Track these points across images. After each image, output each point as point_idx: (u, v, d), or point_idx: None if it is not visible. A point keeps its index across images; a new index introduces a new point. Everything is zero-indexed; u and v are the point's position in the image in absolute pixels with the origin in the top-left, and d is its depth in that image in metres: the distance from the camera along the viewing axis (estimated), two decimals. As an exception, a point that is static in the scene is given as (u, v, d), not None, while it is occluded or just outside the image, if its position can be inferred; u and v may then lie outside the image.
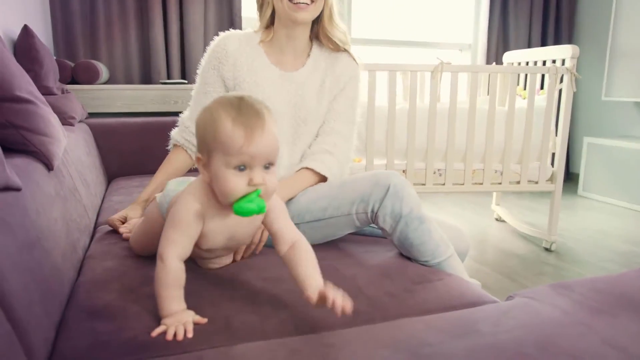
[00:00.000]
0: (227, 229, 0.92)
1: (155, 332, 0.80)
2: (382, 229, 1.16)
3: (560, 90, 2.48)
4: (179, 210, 0.86)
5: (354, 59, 1.40)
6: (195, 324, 0.83)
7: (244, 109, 0.81)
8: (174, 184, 1.11)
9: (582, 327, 0.78)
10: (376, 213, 1.14)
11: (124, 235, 1.28)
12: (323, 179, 1.31)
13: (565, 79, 2.42)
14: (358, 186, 1.18)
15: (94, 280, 1.01)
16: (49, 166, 1.18)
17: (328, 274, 1.04)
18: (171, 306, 0.83)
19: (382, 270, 1.11)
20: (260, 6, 1.34)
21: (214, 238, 0.91)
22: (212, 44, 1.36)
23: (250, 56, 1.33)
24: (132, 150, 2.30)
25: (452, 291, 1.01)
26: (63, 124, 1.75)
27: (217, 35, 1.38)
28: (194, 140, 1.36)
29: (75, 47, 2.91)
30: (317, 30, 1.36)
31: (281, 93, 1.33)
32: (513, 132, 2.42)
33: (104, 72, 2.75)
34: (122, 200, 1.74)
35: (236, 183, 0.81)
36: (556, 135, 2.55)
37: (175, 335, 0.79)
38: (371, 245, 1.27)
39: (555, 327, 0.79)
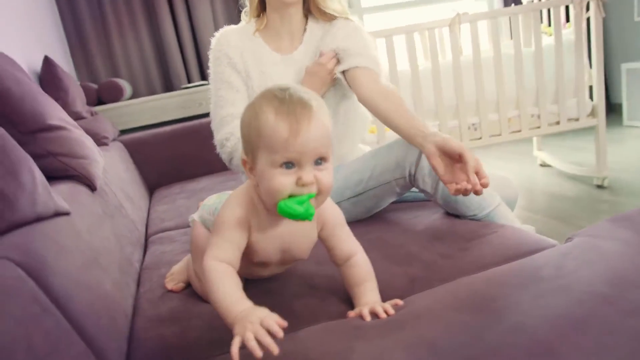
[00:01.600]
0: (278, 240, 0.82)
1: (234, 353, 0.59)
2: (423, 190, 1.15)
3: (588, 19, 2.36)
4: (221, 215, 0.79)
5: (350, 19, 1.34)
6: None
7: (288, 99, 0.72)
8: (213, 198, 1.00)
9: (651, 257, 0.75)
10: (414, 175, 1.13)
11: (173, 288, 1.03)
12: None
13: (592, 5, 2.30)
14: (391, 152, 1.16)
15: (153, 289, 1.04)
16: (91, 187, 1.22)
17: (377, 246, 1.04)
18: (233, 308, 0.67)
19: (432, 233, 1.09)
20: None
21: (264, 249, 0.82)
22: (214, 44, 1.34)
23: (252, 47, 1.32)
24: (167, 159, 2.35)
25: (507, 242, 0.99)
26: (98, 145, 1.79)
27: None
28: None
29: (95, 69, 2.98)
30: (309, 5, 1.33)
31: (287, 77, 1.32)
32: (544, 72, 2.33)
33: (127, 88, 2.80)
34: (167, 210, 1.78)
35: (282, 181, 0.71)
36: (590, 67, 2.44)
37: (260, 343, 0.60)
38: (417, 210, 1.25)
39: (622, 261, 0.76)
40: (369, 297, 0.82)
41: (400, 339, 0.69)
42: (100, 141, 1.93)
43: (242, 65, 1.30)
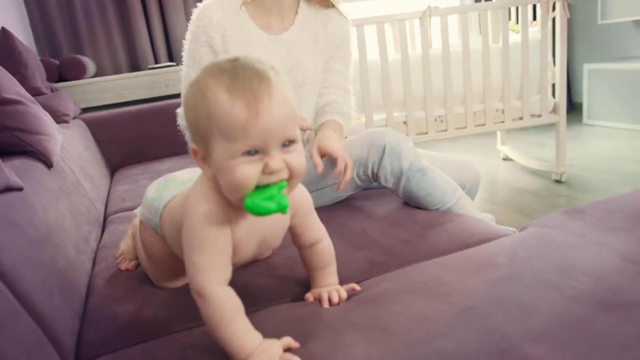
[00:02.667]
0: (257, 233, 0.73)
1: None
2: (386, 187, 1.16)
3: (554, 19, 2.42)
4: (193, 224, 0.65)
5: (344, 15, 1.34)
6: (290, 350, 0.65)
7: (241, 73, 0.60)
8: (153, 189, 0.87)
9: (598, 247, 0.78)
10: (377, 174, 1.13)
11: (127, 267, 1.02)
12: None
13: (558, 6, 2.35)
14: (354, 149, 1.15)
15: (109, 268, 1.02)
16: (48, 164, 1.18)
17: (339, 231, 1.05)
18: (245, 344, 0.63)
19: (392, 220, 1.11)
20: None
21: (244, 248, 0.71)
22: (194, 18, 1.25)
23: (237, 24, 1.24)
24: (131, 139, 2.30)
25: (464, 230, 1.01)
26: (57, 122, 1.74)
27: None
28: None
29: (57, 44, 2.88)
30: None
31: (274, 59, 1.26)
32: (510, 68, 2.37)
33: (90, 65, 2.72)
34: (128, 190, 1.74)
35: (246, 172, 0.59)
36: (554, 65, 2.50)
37: None
38: (379, 198, 1.26)
39: (572, 251, 0.79)
40: (328, 281, 0.81)
41: (355, 321, 0.70)
42: (60, 118, 1.88)
43: (222, 46, 1.23)
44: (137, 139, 2.30)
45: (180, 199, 0.77)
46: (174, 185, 0.84)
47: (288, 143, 0.62)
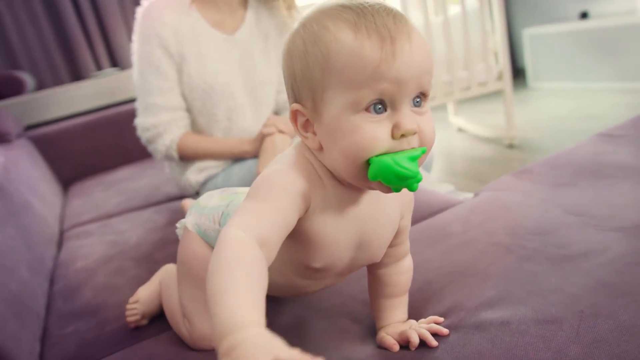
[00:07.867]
0: (357, 224, 0.54)
1: None
2: None
3: (489, -13, 2.46)
4: (270, 178, 0.50)
5: (294, 7, 1.27)
6: None
7: (369, 8, 0.47)
8: (215, 197, 0.70)
9: (545, 204, 0.81)
10: None
11: (131, 322, 0.77)
12: None
13: (492, -26, 2.40)
14: None
15: (67, 285, 0.99)
16: (-10, 186, 1.14)
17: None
18: (235, 317, 0.35)
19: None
20: None
21: (336, 242, 0.54)
22: (141, 18, 1.17)
23: (189, 24, 1.18)
24: (81, 152, 2.23)
25: (419, 203, 1.02)
26: (-1, 143, 1.67)
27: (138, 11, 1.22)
28: (181, 121, 1.20)
29: (-9, 61, 2.75)
30: None
31: (230, 60, 1.21)
32: (452, 39, 2.41)
33: (29, 80, 2.61)
34: (83, 204, 1.69)
35: (375, 132, 0.46)
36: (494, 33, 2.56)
37: None
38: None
39: (520, 210, 0.82)
40: (400, 313, 0.63)
41: (321, 309, 0.70)
42: (1, 138, 1.80)
43: (177, 47, 1.16)
44: (88, 151, 2.24)
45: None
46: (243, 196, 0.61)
47: (419, 100, 0.48)
